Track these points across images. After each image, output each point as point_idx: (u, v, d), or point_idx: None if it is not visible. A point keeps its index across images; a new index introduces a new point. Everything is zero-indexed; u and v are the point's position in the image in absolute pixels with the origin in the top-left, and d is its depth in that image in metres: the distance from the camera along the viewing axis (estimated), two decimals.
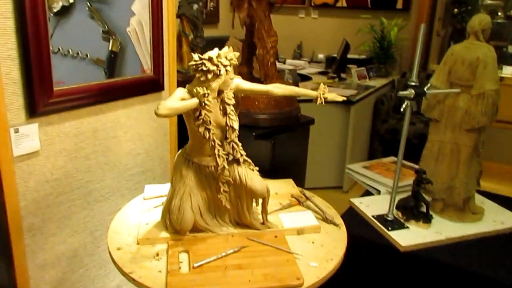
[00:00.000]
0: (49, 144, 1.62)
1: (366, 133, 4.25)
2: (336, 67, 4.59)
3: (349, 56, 4.71)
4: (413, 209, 1.80)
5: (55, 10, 1.50)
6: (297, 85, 3.87)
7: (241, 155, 1.39)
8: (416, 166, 1.99)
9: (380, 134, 4.19)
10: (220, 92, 1.33)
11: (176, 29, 2.05)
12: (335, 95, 1.46)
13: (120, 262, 1.33)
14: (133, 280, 1.26)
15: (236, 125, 1.35)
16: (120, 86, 1.81)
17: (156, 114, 1.18)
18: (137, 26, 1.83)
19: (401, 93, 1.68)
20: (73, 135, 1.70)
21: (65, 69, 1.58)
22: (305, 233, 1.48)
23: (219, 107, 1.35)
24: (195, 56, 1.24)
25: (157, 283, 1.23)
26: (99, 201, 1.88)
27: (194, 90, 1.24)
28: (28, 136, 1.54)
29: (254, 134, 1.92)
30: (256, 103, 1.97)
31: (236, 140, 1.37)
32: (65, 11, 1.53)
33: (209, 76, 1.24)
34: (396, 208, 1.85)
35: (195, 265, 1.28)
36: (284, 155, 2.07)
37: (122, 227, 1.50)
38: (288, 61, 5.38)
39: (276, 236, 1.45)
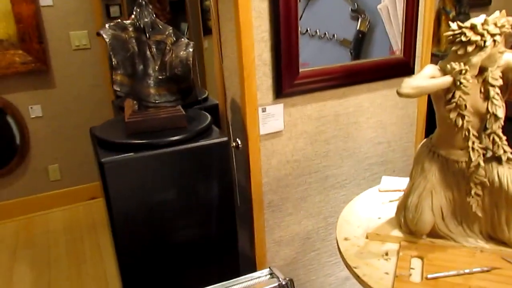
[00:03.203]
0: (292, 125, 1.66)
1: None
2: None
3: None
4: None
5: None
6: None
7: (505, 151, 1.09)
8: None
9: None
10: (482, 70, 1.07)
11: (435, 5, 1.80)
12: None
13: (346, 254, 1.24)
14: (357, 276, 1.15)
15: (500, 113, 1.06)
16: (366, 68, 1.71)
17: (398, 93, 1.02)
18: (389, 2, 1.68)
19: None
20: (315, 118, 1.69)
21: (311, 50, 1.57)
22: None
23: (480, 89, 1.09)
24: (453, 25, 1.02)
25: (382, 285, 1.09)
26: (335, 187, 1.84)
27: (448, 66, 1.03)
28: (274, 116, 1.60)
29: None
30: None
31: (499, 132, 1.08)
32: None
33: (470, 48, 1.00)
34: None
35: (429, 276, 1.08)
36: None
37: (353, 217, 1.41)
38: None
39: None
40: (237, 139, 1.57)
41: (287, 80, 1.55)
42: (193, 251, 1.56)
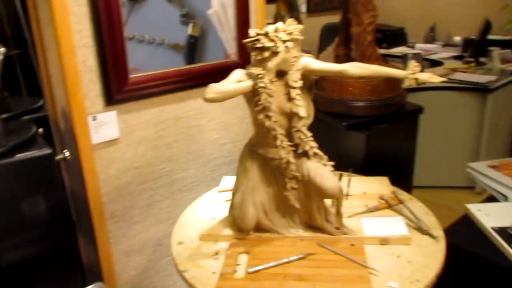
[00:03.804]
0: (129, 132, 1.62)
1: (509, 126, 3.60)
2: (474, 50, 3.97)
3: (491, 37, 4.03)
4: None
5: None
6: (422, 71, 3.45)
7: (311, 147, 1.19)
8: None
9: None
10: (284, 73, 1.15)
11: (266, 10, 1.90)
12: (430, 76, 1.17)
13: (178, 258, 1.24)
14: (185, 280, 1.16)
15: (302, 112, 1.15)
16: (201, 72, 1.73)
17: (204, 98, 1.05)
18: (220, 8, 1.73)
19: None
20: (154, 123, 1.68)
21: (142, 55, 1.55)
22: (390, 244, 1.22)
23: (284, 91, 1.17)
24: (251, 32, 1.08)
25: (208, 285, 1.11)
26: (182, 191, 1.85)
27: (249, 71, 1.09)
28: (107, 124, 1.54)
29: (345, 124, 1.69)
30: (350, 88, 1.73)
31: (304, 129, 1.17)
32: None
33: (266, 54, 1.07)
34: None
35: (250, 270, 1.13)
36: (383, 149, 1.79)
37: (190, 220, 1.43)
38: (419, 45, 4.85)
39: (352, 245, 1.22)
40: (66, 150, 1.49)
41: (117, 87, 1.50)
42: (28, 271, 1.45)
